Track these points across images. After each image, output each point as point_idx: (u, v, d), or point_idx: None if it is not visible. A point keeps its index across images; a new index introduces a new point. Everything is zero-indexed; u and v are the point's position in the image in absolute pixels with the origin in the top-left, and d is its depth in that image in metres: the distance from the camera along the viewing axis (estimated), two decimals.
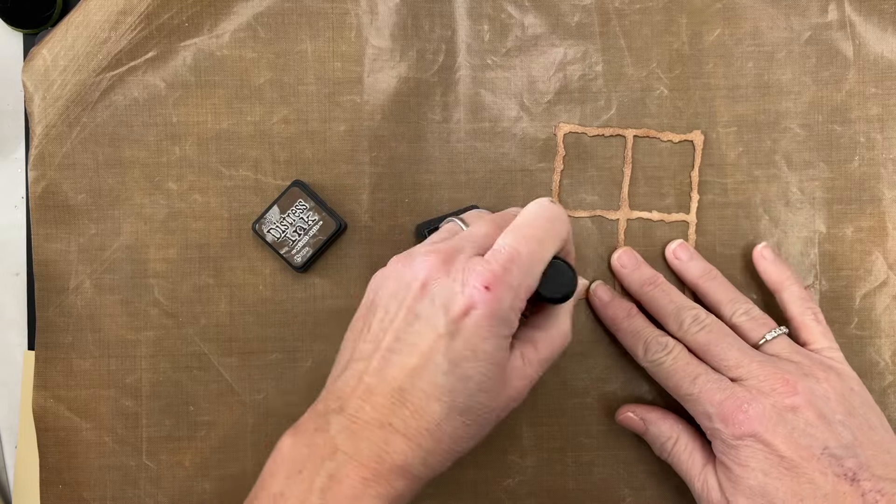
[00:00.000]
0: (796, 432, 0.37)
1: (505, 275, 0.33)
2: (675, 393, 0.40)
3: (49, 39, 0.44)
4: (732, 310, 0.42)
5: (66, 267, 0.44)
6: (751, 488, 0.37)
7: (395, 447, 0.33)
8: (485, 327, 0.33)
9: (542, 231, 0.35)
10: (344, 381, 0.34)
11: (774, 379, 0.38)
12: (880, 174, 0.45)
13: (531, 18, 0.45)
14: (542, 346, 0.36)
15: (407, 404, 0.33)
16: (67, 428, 0.44)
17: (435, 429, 0.33)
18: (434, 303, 0.33)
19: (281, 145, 0.45)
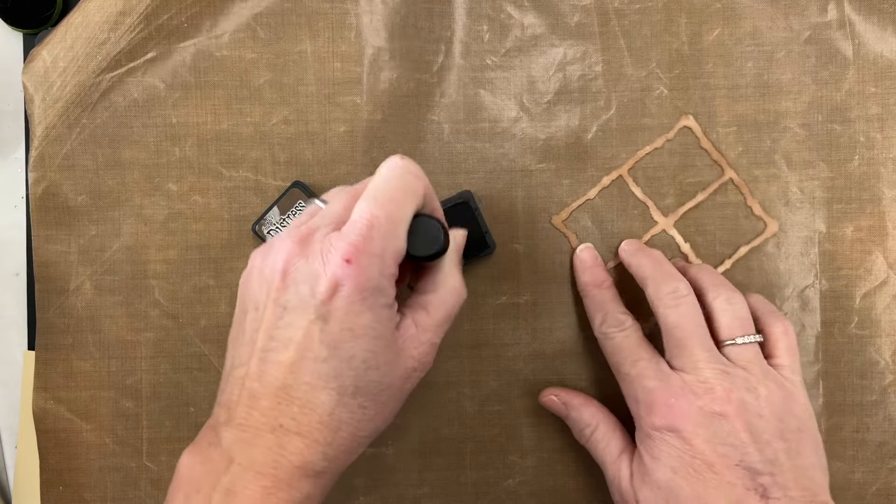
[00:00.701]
0: (717, 438, 0.36)
1: (365, 244, 0.32)
2: (615, 370, 0.40)
3: (49, 41, 0.44)
4: (716, 293, 0.40)
5: (67, 268, 0.44)
6: (657, 482, 0.37)
7: (290, 448, 0.31)
8: (356, 302, 0.31)
9: (398, 190, 0.33)
10: (229, 391, 0.33)
11: (715, 383, 0.37)
12: (880, 173, 0.45)
13: (531, 18, 0.45)
14: (435, 309, 0.35)
15: (294, 401, 0.31)
16: (68, 429, 0.44)
17: (328, 419, 0.31)
18: (298, 290, 0.32)
19: (281, 146, 0.45)
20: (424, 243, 0.34)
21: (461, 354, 0.45)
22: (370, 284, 0.32)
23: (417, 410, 0.45)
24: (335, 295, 0.31)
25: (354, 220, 0.32)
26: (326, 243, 0.32)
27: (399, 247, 0.33)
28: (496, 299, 0.45)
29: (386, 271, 0.32)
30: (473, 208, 0.43)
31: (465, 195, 0.43)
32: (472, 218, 0.43)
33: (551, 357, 0.45)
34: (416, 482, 0.45)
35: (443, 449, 0.45)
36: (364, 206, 0.33)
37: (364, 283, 0.31)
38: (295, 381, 0.31)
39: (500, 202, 0.45)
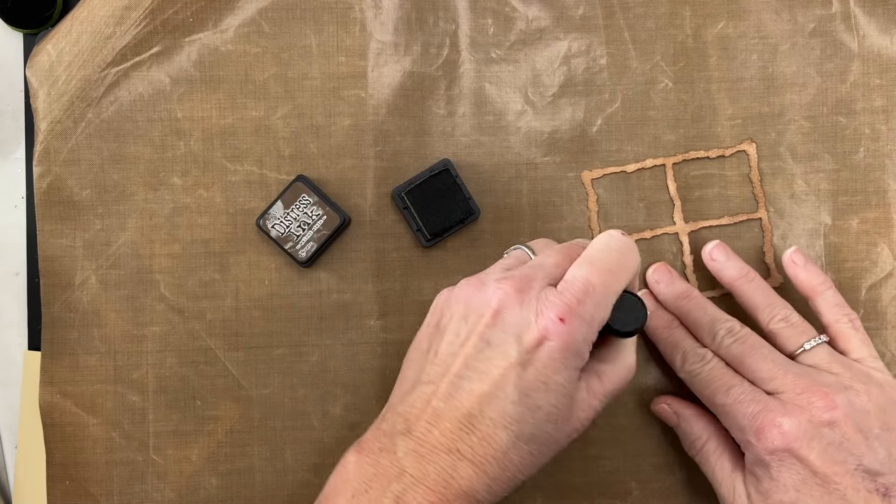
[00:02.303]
0: (831, 447, 0.36)
1: (579, 307, 0.33)
2: (710, 403, 0.40)
3: (53, 35, 0.44)
4: (770, 315, 0.41)
5: (72, 262, 0.44)
6: (781, 502, 0.37)
7: (461, 473, 0.32)
8: (558, 359, 0.33)
9: (615, 264, 0.35)
10: (410, 402, 0.34)
11: (811, 392, 0.37)
12: (885, 165, 0.45)
13: (535, 11, 0.45)
14: (608, 379, 0.36)
15: (475, 431, 0.33)
16: (74, 423, 0.44)
17: (501, 457, 0.33)
18: (507, 331, 0.33)
19: (285, 140, 0.45)
20: (626, 319, 0.35)
21: None
22: (574, 346, 0.33)
23: None
24: (540, 347, 0.33)
25: (572, 281, 0.34)
26: (543, 296, 0.34)
27: (605, 317, 0.34)
28: None
29: (589, 337, 0.34)
30: (454, 175, 0.43)
31: (445, 163, 0.43)
32: (454, 185, 0.43)
33: None
34: None
35: None
36: (583, 270, 0.34)
37: (569, 344, 0.33)
38: (480, 413, 0.33)
39: (505, 195, 0.45)
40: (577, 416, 0.35)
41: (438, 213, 0.44)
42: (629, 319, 0.35)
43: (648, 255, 0.45)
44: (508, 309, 0.34)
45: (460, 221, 0.44)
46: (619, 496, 0.45)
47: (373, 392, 0.44)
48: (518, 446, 0.33)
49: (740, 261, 0.43)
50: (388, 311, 0.45)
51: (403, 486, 0.32)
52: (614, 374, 0.36)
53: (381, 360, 0.45)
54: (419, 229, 0.44)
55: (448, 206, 0.44)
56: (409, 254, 0.45)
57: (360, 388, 0.44)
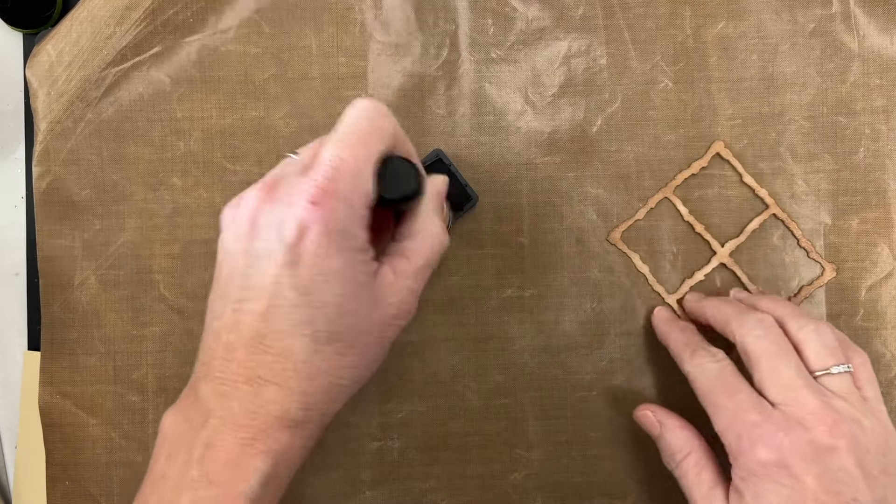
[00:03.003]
0: (829, 474, 0.34)
1: (331, 185, 0.31)
2: (708, 402, 0.37)
3: (53, 35, 0.44)
4: (799, 323, 0.38)
5: (71, 263, 0.44)
6: None
7: (267, 398, 0.31)
8: (325, 245, 0.30)
9: (364, 132, 0.32)
10: (207, 344, 0.32)
11: (823, 414, 0.34)
12: (885, 165, 0.45)
13: (535, 11, 0.45)
14: (413, 254, 0.34)
15: (268, 350, 0.31)
16: (74, 424, 0.44)
17: (303, 367, 0.31)
18: (267, 236, 0.31)
19: (285, 140, 0.45)
20: (396, 185, 0.33)
21: (466, 348, 0.45)
22: (338, 227, 0.31)
23: (423, 404, 0.45)
24: (303, 239, 0.31)
25: (319, 162, 0.32)
26: (292, 187, 0.31)
27: (366, 188, 0.32)
28: (501, 293, 0.45)
29: (355, 213, 0.31)
30: (448, 164, 0.43)
31: (437, 153, 0.43)
32: (449, 174, 0.43)
33: (557, 351, 0.45)
34: (422, 476, 0.45)
35: (449, 443, 0.45)
36: (329, 148, 0.32)
37: (332, 226, 0.31)
38: (269, 330, 0.31)
39: (506, 196, 0.45)
40: (387, 301, 0.33)
41: None
42: (399, 185, 0.33)
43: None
44: (262, 212, 0.32)
45: (459, 209, 0.44)
46: (619, 496, 0.45)
47: (371, 391, 0.44)
48: (319, 350, 0.31)
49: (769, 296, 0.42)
50: None
51: (210, 431, 0.30)
52: (418, 246, 0.34)
53: None
54: None
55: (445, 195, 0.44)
56: None
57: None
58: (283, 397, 0.31)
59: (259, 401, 0.31)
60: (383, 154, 0.33)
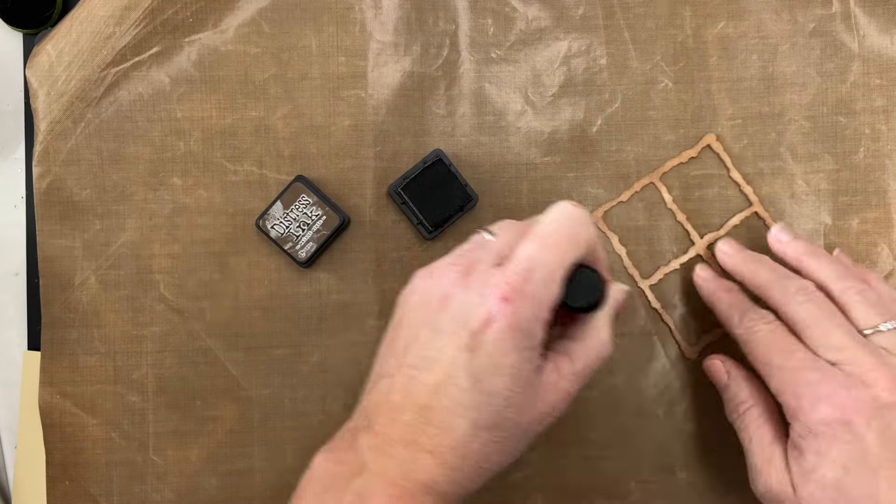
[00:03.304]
0: (890, 430, 0.34)
1: (523, 285, 0.32)
2: (763, 364, 0.38)
3: (53, 35, 0.44)
4: (843, 287, 0.38)
5: (71, 263, 0.44)
6: (823, 480, 0.35)
7: (421, 465, 0.32)
8: (506, 340, 0.32)
9: (564, 237, 0.33)
10: (372, 398, 0.34)
11: (880, 371, 0.35)
12: (885, 165, 0.45)
13: (535, 11, 0.45)
14: (578, 358, 0.35)
15: (432, 421, 0.32)
16: (74, 424, 0.44)
17: (460, 446, 0.32)
18: (454, 317, 0.32)
19: (285, 140, 0.45)
20: (581, 294, 0.34)
21: None
22: (521, 326, 0.32)
23: None
24: (487, 329, 0.32)
25: (515, 259, 0.33)
26: (486, 278, 0.33)
27: (554, 293, 0.33)
28: None
29: (539, 315, 0.33)
30: (448, 164, 0.43)
31: (437, 153, 0.44)
32: (449, 174, 0.44)
33: None
34: None
35: None
36: (527, 247, 0.33)
37: (515, 324, 0.32)
38: (436, 404, 0.32)
39: (506, 195, 0.45)
40: (544, 399, 0.34)
41: (437, 203, 0.44)
42: (584, 294, 0.34)
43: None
44: (454, 294, 0.33)
45: (459, 209, 0.44)
46: (619, 496, 0.45)
47: None
48: (477, 434, 0.32)
49: (805, 240, 0.41)
50: (388, 311, 0.45)
51: (364, 482, 0.32)
52: (584, 352, 0.35)
53: None
54: (420, 223, 0.44)
55: (445, 195, 0.44)
56: (409, 254, 0.45)
57: (360, 389, 0.44)
58: (436, 467, 0.32)
59: (413, 465, 0.32)
60: (576, 261, 0.34)
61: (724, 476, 0.44)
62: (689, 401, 0.45)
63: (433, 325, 0.33)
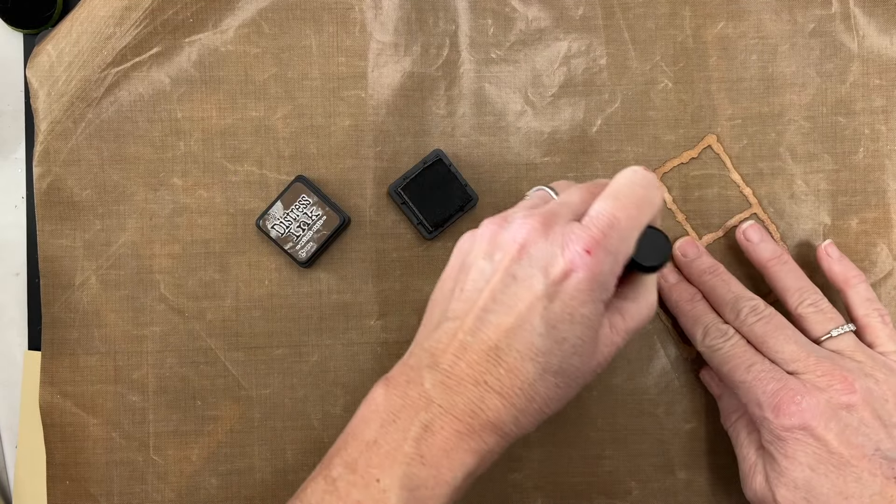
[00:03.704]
0: (849, 430, 0.37)
1: (605, 239, 0.33)
2: (728, 379, 0.40)
3: (54, 36, 0.44)
4: (799, 300, 0.41)
5: (72, 263, 0.44)
6: (794, 481, 0.37)
7: (489, 404, 0.33)
8: (584, 291, 0.33)
9: (639, 198, 0.35)
10: (437, 338, 0.34)
11: (832, 375, 0.37)
12: (885, 165, 0.45)
13: (535, 12, 0.45)
14: (630, 316, 0.36)
15: (502, 363, 0.33)
16: (74, 424, 0.44)
17: (528, 388, 0.33)
18: (533, 265, 0.33)
19: (285, 140, 0.45)
20: (651, 253, 0.35)
21: None
22: (600, 278, 0.33)
23: None
24: (566, 279, 0.33)
25: (596, 215, 0.34)
26: (568, 230, 0.34)
27: (629, 250, 0.34)
28: None
29: (615, 270, 0.34)
30: (448, 164, 0.44)
31: (437, 153, 0.44)
32: (449, 174, 0.44)
33: None
34: None
35: None
36: (607, 204, 0.34)
37: (596, 275, 0.33)
38: (507, 346, 0.33)
39: (506, 196, 0.45)
40: (601, 350, 0.35)
41: (437, 203, 0.44)
42: (653, 254, 0.35)
43: None
44: (534, 243, 0.34)
45: (460, 209, 0.44)
46: (619, 496, 0.45)
47: None
48: (545, 378, 0.33)
49: (773, 242, 0.43)
50: (388, 311, 0.45)
51: (431, 416, 0.33)
52: (636, 311, 0.36)
53: (382, 360, 0.45)
54: (420, 222, 0.44)
55: (446, 195, 0.44)
56: (409, 254, 0.45)
57: (360, 389, 0.44)
58: (503, 408, 0.33)
59: (481, 404, 0.33)
60: (649, 222, 0.35)
61: (724, 476, 0.44)
62: (689, 401, 0.45)
63: (510, 271, 0.34)
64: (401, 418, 0.33)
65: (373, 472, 0.32)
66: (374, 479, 0.32)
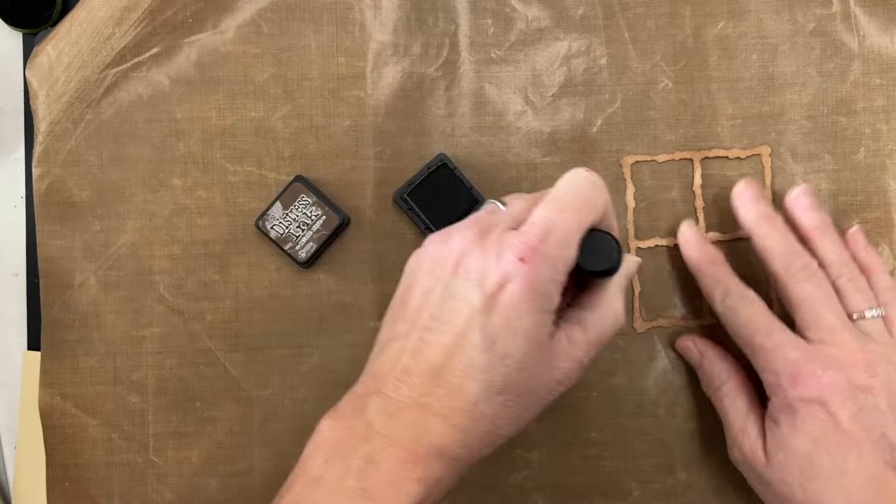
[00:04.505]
0: (863, 412, 0.37)
1: (540, 246, 0.32)
2: (746, 343, 0.39)
3: (53, 36, 0.44)
4: (839, 272, 0.40)
5: (71, 264, 0.44)
6: (794, 450, 0.37)
7: (431, 428, 0.32)
8: (522, 301, 0.32)
9: (579, 200, 0.34)
10: (381, 362, 0.34)
11: (859, 355, 0.37)
12: (886, 165, 0.45)
13: (535, 11, 0.45)
14: (590, 327, 0.35)
15: (443, 384, 0.32)
16: (74, 425, 0.44)
17: (472, 409, 0.32)
18: (469, 278, 0.32)
19: (285, 141, 0.45)
20: (597, 258, 0.34)
21: None
22: (538, 287, 0.32)
23: None
24: (503, 290, 0.32)
25: (532, 221, 0.33)
26: (503, 239, 0.33)
27: (571, 256, 0.33)
28: None
29: (555, 278, 0.33)
30: (452, 167, 0.43)
31: (441, 157, 0.44)
32: (454, 178, 0.43)
33: None
34: None
35: None
36: (543, 210, 0.33)
37: (532, 284, 0.32)
38: (448, 365, 0.32)
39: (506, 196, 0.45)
40: (557, 366, 0.34)
41: (444, 208, 0.44)
42: (600, 258, 0.34)
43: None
44: (469, 255, 0.33)
45: (466, 212, 0.44)
46: (619, 496, 0.45)
47: None
48: (489, 397, 0.32)
49: (823, 212, 0.42)
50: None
51: (373, 447, 0.31)
52: (597, 321, 0.35)
53: None
54: (427, 228, 0.44)
55: (452, 199, 0.44)
56: (408, 254, 0.45)
57: None
58: (447, 431, 0.32)
59: (424, 429, 0.32)
60: (592, 225, 0.34)
61: (724, 476, 0.44)
62: (689, 401, 0.45)
63: (447, 288, 0.33)
64: (343, 451, 0.32)
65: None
66: None
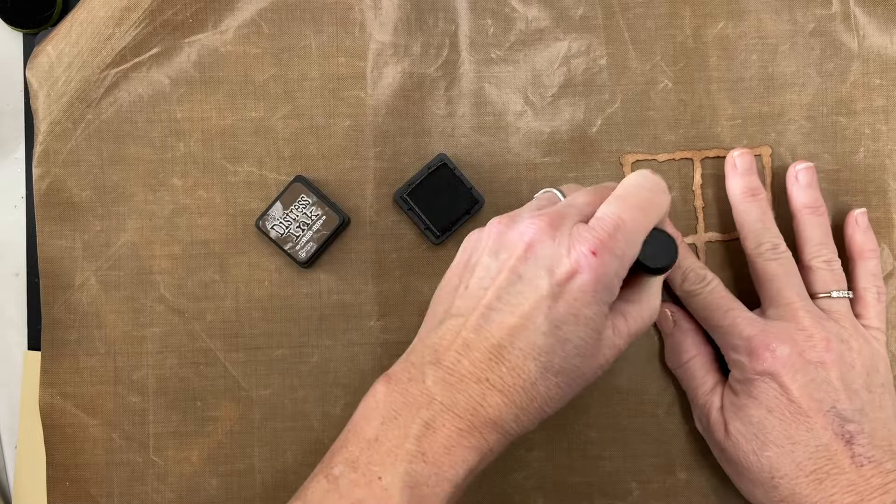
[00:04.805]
0: (813, 384, 0.38)
1: (610, 242, 0.34)
2: (706, 323, 0.42)
3: (53, 36, 0.44)
4: (816, 253, 0.42)
5: (71, 264, 0.44)
6: (749, 418, 0.39)
7: (490, 402, 0.33)
8: (589, 293, 0.34)
9: (645, 201, 0.36)
10: (440, 335, 0.35)
11: (814, 332, 0.39)
12: (885, 165, 0.45)
13: (535, 12, 0.45)
14: (632, 319, 0.37)
15: (504, 362, 0.33)
16: (74, 425, 0.44)
17: (529, 387, 0.34)
18: (539, 265, 0.34)
19: (285, 141, 0.45)
20: (657, 255, 0.36)
21: None
22: (605, 280, 0.34)
23: None
24: (571, 280, 0.34)
25: (602, 217, 0.35)
26: (575, 232, 0.34)
27: (635, 253, 0.35)
28: None
29: (620, 273, 0.35)
30: (452, 168, 0.44)
31: (441, 157, 0.44)
32: (454, 178, 0.44)
33: None
34: None
35: None
36: (614, 207, 0.35)
37: (601, 277, 0.34)
38: (510, 344, 0.34)
39: (506, 196, 0.45)
40: (602, 353, 0.35)
41: (443, 208, 0.44)
42: (660, 256, 0.36)
43: None
44: (541, 243, 0.34)
45: (466, 212, 0.44)
46: (619, 496, 0.45)
47: None
48: (546, 377, 0.34)
49: (818, 192, 0.43)
50: (388, 311, 0.45)
51: (433, 413, 0.33)
52: (639, 314, 0.37)
53: (382, 361, 0.45)
54: (427, 227, 0.44)
55: (452, 199, 0.44)
56: (408, 254, 0.45)
57: (360, 389, 0.44)
58: (504, 406, 0.34)
59: (483, 401, 0.33)
60: (655, 224, 0.36)
61: (724, 476, 0.44)
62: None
63: (516, 270, 0.34)
64: (402, 415, 0.33)
65: (374, 469, 0.32)
66: (376, 477, 0.32)
